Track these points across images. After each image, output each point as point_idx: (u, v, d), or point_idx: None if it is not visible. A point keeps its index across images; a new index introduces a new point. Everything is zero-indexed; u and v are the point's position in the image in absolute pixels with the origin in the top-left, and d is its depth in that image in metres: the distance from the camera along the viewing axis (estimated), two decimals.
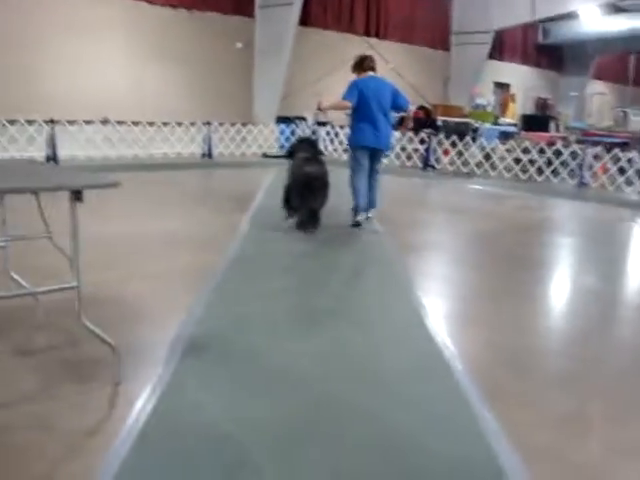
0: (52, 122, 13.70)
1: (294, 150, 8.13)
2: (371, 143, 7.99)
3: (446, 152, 15.94)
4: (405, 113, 11.60)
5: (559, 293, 6.12)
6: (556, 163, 14.48)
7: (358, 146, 8.07)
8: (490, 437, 3.01)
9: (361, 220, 8.13)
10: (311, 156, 7.80)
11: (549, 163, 14.64)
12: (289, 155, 8.19)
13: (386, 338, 4.34)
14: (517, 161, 15.09)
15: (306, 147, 8.07)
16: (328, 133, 17.18)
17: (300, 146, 8.18)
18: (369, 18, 21.42)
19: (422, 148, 16.14)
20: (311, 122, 17.97)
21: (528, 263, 6.87)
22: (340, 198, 8.42)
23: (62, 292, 3.35)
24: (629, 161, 13.68)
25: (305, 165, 7.62)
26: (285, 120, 18.51)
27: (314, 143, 8.68)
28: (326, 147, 16.82)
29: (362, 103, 7.87)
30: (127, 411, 3.10)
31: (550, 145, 14.89)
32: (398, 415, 3.21)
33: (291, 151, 8.22)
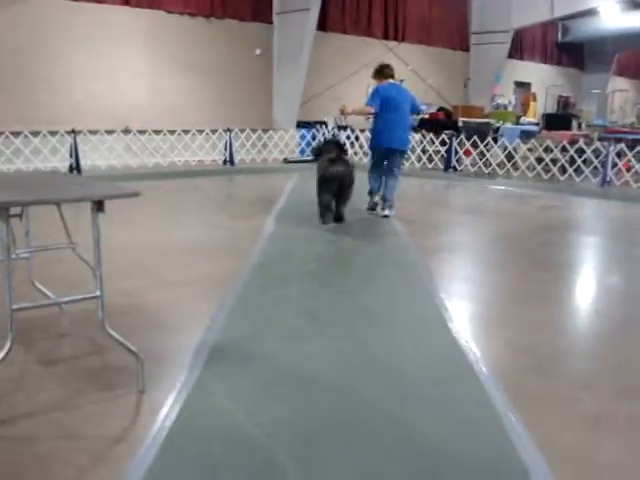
0: (74, 133, 13.82)
1: (321, 151, 8.58)
2: (389, 144, 8.79)
3: (467, 153, 15.87)
4: (422, 115, 13.41)
5: (583, 293, 6.06)
6: (579, 161, 14.36)
7: (378, 147, 8.98)
8: (515, 439, 2.99)
9: (373, 206, 9.20)
10: (336, 156, 8.20)
11: (572, 162, 14.51)
12: (316, 156, 8.67)
13: (409, 341, 4.33)
14: (539, 160, 14.98)
15: (332, 148, 8.48)
16: (348, 137, 17.17)
17: (326, 147, 8.62)
18: (387, 21, 21.37)
19: (443, 150, 16.08)
20: (331, 126, 17.99)
21: (552, 263, 6.82)
22: (362, 199, 9.15)
23: (86, 301, 3.38)
24: None
25: (331, 165, 8.07)
26: (305, 125, 18.54)
27: (340, 144, 9.10)
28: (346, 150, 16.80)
29: (383, 108, 8.60)
30: (152, 418, 3.12)
31: (572, 143, 14.75)
32: (422, 418, 3.21)
33: (318, 152, 8.67)
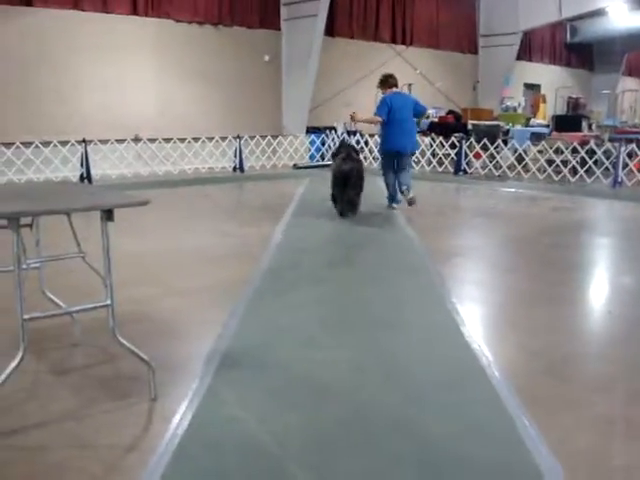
0: (85, 142, 13.88)
1: (336, 152, 9.74)
2: (398, 148, 9.84)
3: (477, 155, 15.81)
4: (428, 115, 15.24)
5: (596, 295, 6.03)
6: (590, 162, 14.29)
7: (387, 151, 10.02)
8: (528, 442, 2.97)
9: (394, 206, 10.12)
10: (346, 156, 9.24)
11: (582, 163, 14.44)
12: (332, 157, 9.88)
13: (422, 346, 4.31)
14: (550, 162, 14.91)
15: (345, 149, 9.58)
16: (358, 142, 17.17)
17: (340, 149, 9.73)
18: (395, 25, 21.35)
19: (453, 153, 16.05)
20: (341, 131, 17.99)
21: (564, 265, 6.78)
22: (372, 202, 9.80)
23: (97, 310, 3.39)
24: None
25: (343, 164, 9.13)
26: (315, 131, 18.56)
27: (351, 146, 10.53)
28: None
29: (391, 116, 9.63)
30: (164, 426, 3.12)
31: (583, 144, 14.68)
32: (435, 423, 3.19)
33: (334, 153, 9.85)
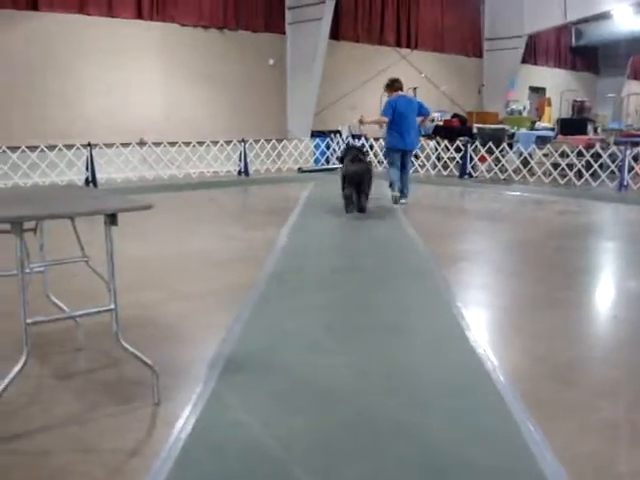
0: (90, 146, 13.91)
1: (344, 154, 10.55)
2: (402, 146, 10.78)
3: (483, 159, 15.80)
4: (432, 118, 16.40)
5: (601, 299, 6.00)
6: (595, 166, 14.26)
7: (393, 148, 10.92)
8: (533, 447, 2.95)
9: (397, 196, 10.91)
10: (354, 157, 10.01)
11: (588, 166, 14.40)
12: (341, 159, 10.71)
13: (426, 350, 4.30)
14: (555, 165, 14.88)
15: (353, 151, 10.40)
16: (363, 145, 17.16)
17: (348, 151, 10.55)
18: (400, 28, 21.34)
19: (458, 156, 16.03)
20: (346, 135, 18.00)
21: (569, 269, 6.75)
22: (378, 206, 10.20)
23: (101, 314, 3.38)
24: None
25: (351, 165, 9.89)
26: (320, 134, 18.56)
27: (359, 148, 11.43)
28: None
29: (396, 117, 10.53)
30: (167, 431, 3.11)
31: (588, 148, 14.64)
32: (440, 427, 3.17)
33: (342, 155, 10.70)
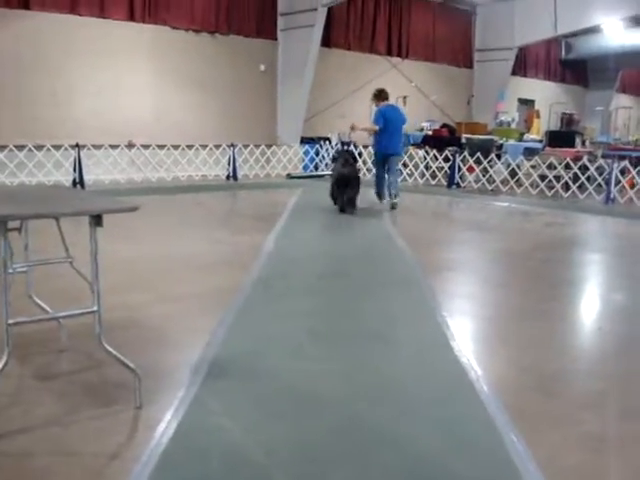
0: (78, 147, 13.83)
1: (336, 157, 11.59)
2: (391, 151, 11.54)
3: (471, 169, 15.85)
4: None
5: (587, 311, 6.03)
6: (582, 178, 14.34)
7: (381, 152, 11.64)
8: (516, 459, 2.94)
9: (383, 202, 11.78)
10: (345, 161, 10.93)
11: (575, 179, 14.48)
12: (333, 160, 11.89)
13: (411, 359, 4.29)
14: (543, 177, 14.94)
15: (343, 155, 11.35)
16: (353, 155, 17.18)
17: (339, 155, 11.56)
18: (391, 37, 21.40)
19: (447, 166, 16.08)
20: (335, 142, 18.02)
21: (555, 281, 6.77)
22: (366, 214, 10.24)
23: (85, 316, 3.35)
24: None
25: (341, 168, 10.79)
26: (309, 141, 18.57)
27: (349, 152, 12.21)
28: None
29: (385, 125, 11.24)
30: (148, 435, 3.08)
31: (576, 160, 14.72)
32: (423, 437, 3.17)
33: (334, 157, 11.76)
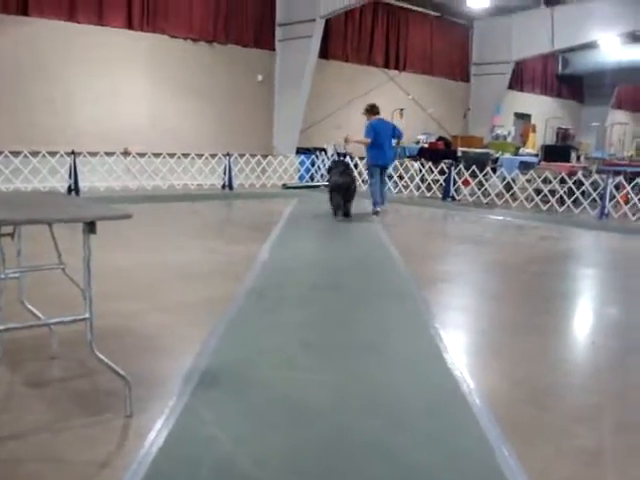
0: (74, 154, 13.83)
1: (331, 167, 12.32)
2: (381, 162, 12.30)
3: (466, 182, 15.89)
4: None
5: (580, 325, 6.02)
6: (577, 193, 14.38)
7: (373, 164, 12.31)
8: (508, 473, 2.93)
9: (378, 210, 12.22)
10: (342, 171, 11.62)
11: (570, 193, 14.52)
12: (328, 170, 12.70)
13: (403, 371, 4.28)
14: (538, 191, 14.98)
15: (339, 165, 12.11)
16: (348, 163, 17.21)
17: (335, 164, 12.42)
18: (389, 50, 21.52)
19: (442, 179, 16.11)
20: (331, 153, 18.05)
21: (549, 294, 6.78)
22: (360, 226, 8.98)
23: (77, 323, 3.33)
24: None
25: (339, 177, 11.46)
26: (305, 151, 18.62)
27: (345, 162, 12.87)
28: None
29: (376, 138, 11.91)
30: (138, 444, 3.06)
31: (571, 175, 14.77)
32: (414, 451, 3.15)
33: (330, 167, 12.58)
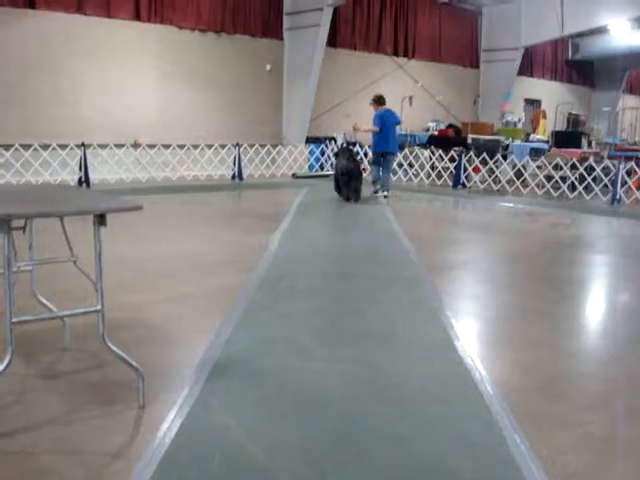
0: (84, 146, 13.86)
1: (338, 154, 12.96)
2: (386, 149, 13.08)
3: (476, 170, 15.83)
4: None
5: (592, 312, 6.00)
6: (589, 179, 14.30)
7: (380, 152, 13.17)
8: (520, 460, 2.93)
9: (377, 190, 13.19)
10: (349, 157, 12.33)
11: (581, 179, 14.44)
12: (335, 156, 13.59)
13: (414, 359, 4.28)
14: (549, 178, 14.92)
15: (345, 152, 12.71)
16: (357, 153, 17.19)
17: (341, 151, 13.02)
18: (397, 37, 21.37)
19: (452, 166, 16.06)
20: (341, 142, 18.01)
21: (560, 281, 6.75)
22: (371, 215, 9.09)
23: (89, 315, 3.35)
24: None
25: (346, 162, 12.11)
26: (315, 141, 18.58)
27: (350, 149, 13.41)
28: None
29: (383, 127, 12.78)
30: (151, 434, 3.08)
31: (582, 161, 14.69)
32: (426, 439, 3.16)
33: (336, 153, 13.47)
